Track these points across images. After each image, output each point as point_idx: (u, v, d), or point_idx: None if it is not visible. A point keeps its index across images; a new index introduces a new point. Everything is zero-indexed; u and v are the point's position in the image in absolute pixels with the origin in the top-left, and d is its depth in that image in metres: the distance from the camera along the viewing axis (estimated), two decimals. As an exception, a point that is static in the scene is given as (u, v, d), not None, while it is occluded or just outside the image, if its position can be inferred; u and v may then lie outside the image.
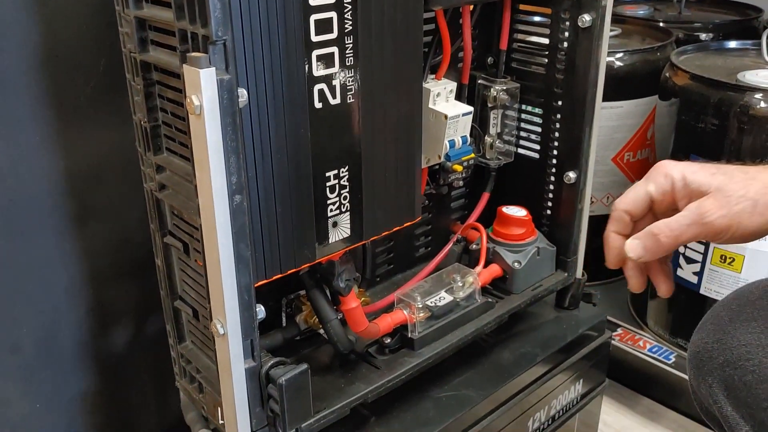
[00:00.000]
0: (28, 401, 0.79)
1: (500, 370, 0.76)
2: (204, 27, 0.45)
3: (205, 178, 0.47)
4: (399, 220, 0.65)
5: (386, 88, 0.59)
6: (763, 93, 0.85)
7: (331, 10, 0.53)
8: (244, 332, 0.52)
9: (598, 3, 0.71)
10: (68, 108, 0.73)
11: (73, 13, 0.71)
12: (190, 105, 0.45)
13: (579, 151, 0.77)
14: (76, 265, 0.78)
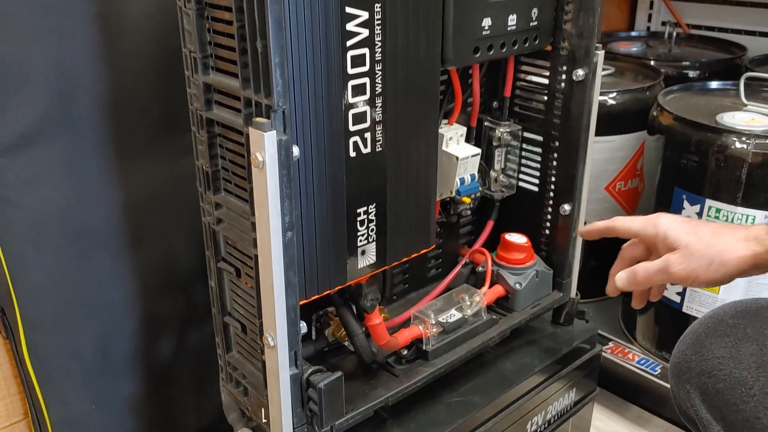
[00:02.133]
0: (85, 402, 0.89)
1: (502, 379, 0.86)
2: (267, 97, 0.55)
3: (263, 218, 0.58)
4: (416, 248, 0.76)
5: (408, 137, 0.70)
6: (738, 135, 0.95)
7: (365, 77, 0.63)
8: (290, 344, 0.63)
9: (590, 60, 0.81)
10: (126, 147, 0.84)
11: (133, 67, 0.82)
12: (254, 160, 0.55)
13: (573, 185, 0.87)
14: (130, 283, 0.89)
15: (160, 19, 0.81)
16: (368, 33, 0.62)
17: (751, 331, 0.66)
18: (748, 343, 0.65)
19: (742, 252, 0.67)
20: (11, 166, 0.76)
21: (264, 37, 0.53)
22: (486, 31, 0.74)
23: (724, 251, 0.67)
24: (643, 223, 0.74)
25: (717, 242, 0.68)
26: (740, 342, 0.66)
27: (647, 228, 0.73)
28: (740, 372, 0.64)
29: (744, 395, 0.64)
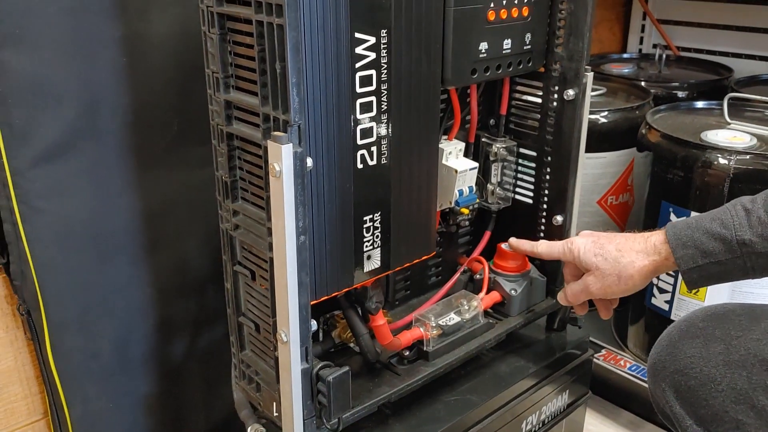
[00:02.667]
0: (103, 400, 0.94)
1: (498, 380, 0.91)
2: (285, 113, 0.61)
3: (279, 223, 0.63)
4: (418, 254, 0.81)
5: (411, 151, 0.75)
6: (721, 151, 1.01)
7: (372, 96, 0.69)
8: (302, 340, 0.68)
9: (580, 80, 0.87)
10: (146, 159, 0.90)
11: (154, 85, 0.88)
12: (272, 170, 0.61)
13: (565, 198, 0.93)
14: (146, 287, 0.94)
15: (179, 41, 0.87)
16: (375, 56, 0.68)
17: (719, 332, 0.72)
18: (716, 344, 0.71)
19: (643, 263, 0.75)
20: (41, 176, 0.81)
21: (283, 60, 0.59)
22: (483, 54, 0.80)
23: (628, 266, 0.76)
24: (561, 248, 0.83)
25: (621, 259, 0.77)
26: (709, 343, 0.72)
27: (565, 253, 0.82)
28: (709, 370, 0.70)
29: (713, 391, 0.70)
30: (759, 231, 0.67)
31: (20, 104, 0.78)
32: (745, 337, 0.70)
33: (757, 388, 0.67)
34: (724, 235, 0.69)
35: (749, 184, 0.98)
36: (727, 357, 0.70)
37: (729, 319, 0.73)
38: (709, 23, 1.59)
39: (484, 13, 0.78)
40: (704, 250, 0.70)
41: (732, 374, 0.69)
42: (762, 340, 0.69)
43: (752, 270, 0.70)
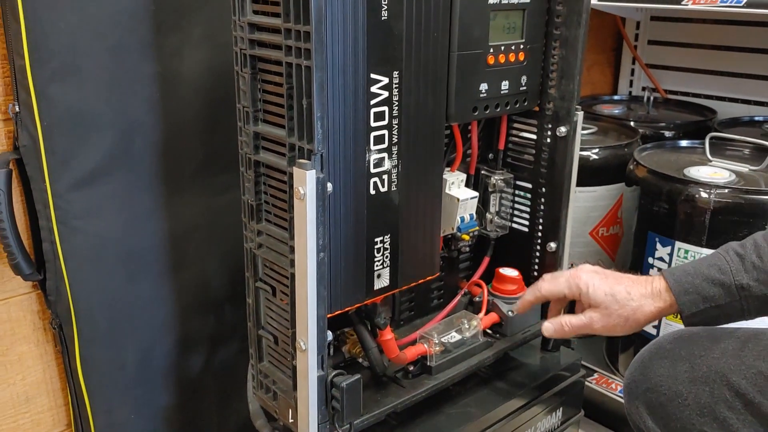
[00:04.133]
0: (125, 411, 1.00)
1: (496, 395, 0.98)
2: (309, 143, 0.69)
3: (302, 241, 0.71)
4: (423, 275, 0.89)
5: (417, 180, 0.83)
6: (702, 186, 1.09)
7: (384, 129, 0.77)
8: (319, 349, 0.75)
9: (571, 119, 0.96)
10: (174, 184, 0.97)
11: (183, 117, 0.96)
12: (297, 193, 0.69)
13: (558, 226, 1.01)
14: (169, 304, 1.01)
15: (206, 78, 0.95)
16: (388, 94, 0.77)
17: (684, 353, 0.79)
18: (682, 363, 0.78)
19: (650, 309, 0.79)
20: (79, 198, 0.89)
21: (309, 96, 0.67)
22: (483, 94, 0.88)
23: (637, 310, 0.79)
24: (567, 283, 0.85)
25: (631, 302, 0.80)
26: (676, 362, 0.79)
27: (572, 288, 0.85)
28: (677, 387, 0.78)
29: (680, 405, 0.77)
30: (755, 275, 0.73)
31: (64, 133, 0.86)
32: (706, 356, 0.77)
33: (719, 401, 0.74)
34: (723, 281, 0.75)
35: (728, 216, 1.06)
36: (691, 374, 0.77)
37: (693, 341, 0.80)
38: (695, 68, 1.69)
39: (484, 57, 0.87)
40: (705, 295, 0.76)
41: (697, 390, 0.76)
42: (721, 359, 0.76)
43: (748, 311, 0.75)
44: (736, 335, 0.78)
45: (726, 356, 0.76)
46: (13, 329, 0.96)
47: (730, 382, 0.74)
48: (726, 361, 0.76)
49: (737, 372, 0.74)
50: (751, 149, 1.27)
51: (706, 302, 0.76)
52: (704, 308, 0.76)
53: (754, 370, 0.73)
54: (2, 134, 0.89)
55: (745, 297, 0.74)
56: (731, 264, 0.75)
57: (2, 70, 0.87)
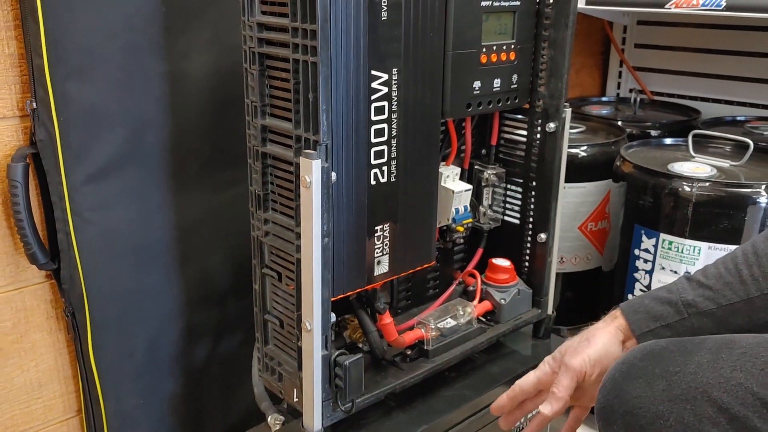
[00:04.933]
0: (134, 397, 1.04)
1: (490, 379, 1.02)
2: (315, 135, 0.74)
3: (308, 227, 0.75)
4: (420, 262, 0.93)
5: (414, 171, 0.88)
6: (685, 180, 1.15)
7: (384, 123, 0.82)
8: (323, 329, 0.79)
9: (559, 115, 1.01)
10: (181, 179, 1.02)
11: (190, 115, 1.00)
12: (303, 181, 0.74)
13: (548, 218, 1.06)
14: (176, 295, 1.05)
15: (213, 78, 1.00)
16: (387, 90, 0.82)
17: (659, 370, 0.75)
18: (658, 381, 0.75)
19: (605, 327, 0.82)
20: (93, 192, 0.93)
21: (315, 90, 0.72)
22: (476, 91, 0.93)
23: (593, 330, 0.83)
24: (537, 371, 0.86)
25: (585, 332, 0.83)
26: (651, 381, 0.75)
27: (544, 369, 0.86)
28: (656, 407, 0.74)
29: (662, 427, 0.73)
30: (699, 292, 0.75)
31: (79, 129, 0.90)
32: (683, 372, 0.74)
33: (702, 419, 0.71)
34: (670, 299, 0.77)
35: (710, 208, 1.11)
36: (670, 393, 0.74)
37: (665, 357, 0.77)
38: (680, 71, 1.75)
39: (477, 56, 0.92)
40: (654, 314, 0.77)
41: (678, 409, 0.73)
42: (698, 373, 0.73)
43: (700, 332, 0.75)
44: (706, 346, 0.75)
45: (702, 370, 0.73)
46: (27, 317, 1.00)
47: (711, 397, 0.71)
48: (704, 375, 0.73)
49: (717, 386, 0.72)
50: (732, 146, 1.32)
51: (656, 321, 0.77)
52: (654, 327, 0.77)
53: (734, 382, 0.71)
54: (19, 130, 0.94)
55: (693, 314, 0.75)
56: (678, 284, 0.78)
57: (20, 69, 0.92)
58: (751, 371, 0.69)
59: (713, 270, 0.76)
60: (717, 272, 0.76)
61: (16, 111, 0.93)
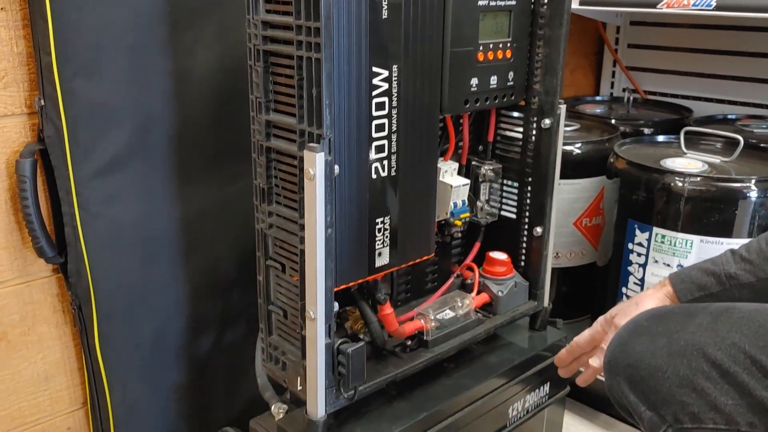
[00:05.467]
0: (140, 387, 1.06)
1: (488, 369, 1.05)
2: (319, 129, 0.76)
3: (311, 218, 0.78)
4: (420, 254, 0.96)
5: (414, 166, 0.91)
6: (677, 175, 1.17)
7: (384, 118, 0.85)
8: (326, 318, 0.82)
9: (554, 111, 1.04)
10: (187, 173, 1.04)
11: (195, 110, 1.03)
12: (307, 174, 0.76)
13: (544, 212, 1.08)
14: (181, 286, 1.07)
15: (218, 74, 1.02)
16: (387, 86, 0.84)
17: (662, 329, 0.84)
18: (660, 338, 0.83)
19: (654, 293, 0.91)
20: (100, 186, 0.96)
21: (318, 85, 0.75)
22: (474, 88, 0.96)
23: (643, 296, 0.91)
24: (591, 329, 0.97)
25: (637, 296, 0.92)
26: (654, 338, 0.84)
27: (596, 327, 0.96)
28: (656, 361, 0.82)
29: (660, 379, 0.81)
30: (742, 266, 0.82)
31: (86, 125, 0.93)
32: (683, 331, 0.82)
33: (697, 373, 0.79)
34: (714, 270, 0.84)
35: (701, 203, 1.14)
36: (669, 349, 0.81)
37: (668, 317, 0.85)
38: (673, 70, 1.79)
39: (474, 54, 0.95)
40: (699, 284, 0.85)
41: (675, 363, 0.80)
42: (697, 333, 0.81)
43: (739, 301, 0.82)
44: (708, 310, 0.83)
45: (701, 330, 0.81)
46: (34, 311, 1.02)
47: (706, 354, 0.78)
48: (701, 335, 0.80)
49: (712, 345, 0.78)
50: (723, 143, 1.35)
51: (701, 290, 0.84)
52: (699, 296, 0.84)
53: (729, 341, 0.77)
54: (27, 127, 0.96)
55: (734, 286, 0.82)
56: (723, 257, 0.85)
57: (28, 68, 0.94)
58: (745, 333, 0.76)
59: (755, 245, 0.83)
60: (759, 247, 0.82)
61: (24, 108, 0.95)
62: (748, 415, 0.76)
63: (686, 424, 0.81)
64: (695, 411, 0.80)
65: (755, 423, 0.76)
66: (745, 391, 0.76)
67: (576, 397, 1.39)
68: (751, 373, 0.76)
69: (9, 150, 0.95)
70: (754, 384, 0.75)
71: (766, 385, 0.75)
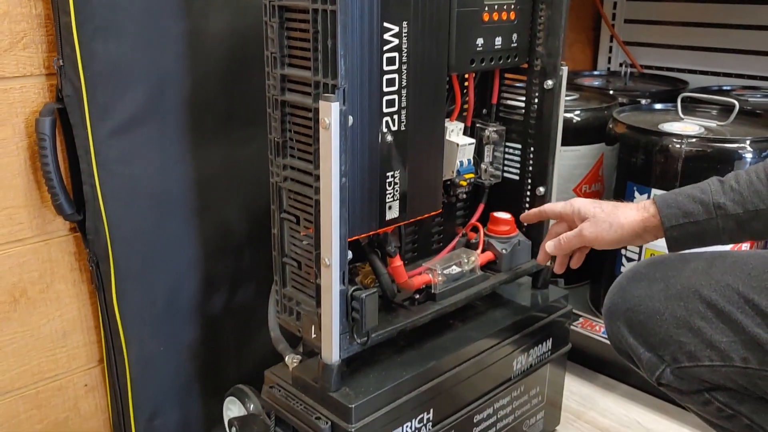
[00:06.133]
0: (155, 344, 1.09)
1: (493, 323, 1.08)
2: (333, 79, 0.79)
3: (326, 167, 0.81)
4: (428, 209, 0.99)
5: (423, 123, 0.94)
6: (675, 137, 1.21)
7: (395, 73, 0.88)
8: (341, 265, 0.85)
9: (557, 73, 1.07)
10: (200, 135, 1.07)
11: (207, 72, 1.05)
12: (323, 123, 0.79)
13: (546, 172, 1.12)
14: (195, 246, 1.10)
15: (230, 37, 1.05)
16: (398, 42, 0.87)
17: (659, 274, 0.88)
18: (657, 283, 0.87)
19: (634, 216, 0.87)
20: (117, 144, 0.98)
21: (334, 37, 0.78)
22: (479, 48, 0.99)
23: (620, 216, 0.88)
24: (563, 205, 0.96)
25: (615, 211, 0.89)
26: (652, 283, 0.88)
27: (566, 208, 0.94)
28: (654, 304, 0.86)
29: (659, 321, 0.86)
30: (731, 196, 0.82)
31: (104, 84, 0.95)
32: (679, 276, 0.86)
33: (693, 313, 0.83)
34: (703, 199, 0.83)
35: (698, 163, 1.18)
36: (666, 292, 0.86)
37: (665, 264, 0.89)
38: (668, 44, 1.82)
39: (480, 15, 0.98)
40: (685, 210, 0.83)
41: (672, 305, 0.85)
42: (692, 276, 0.85)
43: (723, 231, 0.82)
44: (703, 256, 0.88)
45: (696, 274, 0.85)
46: (52, 269, 1.05)
47: (701, 295, 0.83)
48: (697, 278, 0.85)
49: (707, 286, 0.83)
50: (718, 110, 1.39)
51: (686, 217, 0.83)
52: (683, 222, 0.83)
53: (723, 283, 0.82)
54: (45, 87, 0.99)
55: (721, 215, 0.81)
56: (711, 186, 0.84)
57: (46, 29, 0.97)
58: (739, 276, 0.80)
59: (745, 177, 0.82)
60: (749, 179, 0.81)
61: (42, 69, 0.98)
62: (742, 350, 0.80)
63: (684, 362, 0.85)
64: (692, 350, 0.84)
65: (749, 358, 0.80)
66: (739, 329, 0.80)
67: (576, 359, 1.43)
68: (745, 312, 0.80)
69: (28, 110, 0.97)
70: (748, 321, 0.80)
71: (758, 323, 0.79)
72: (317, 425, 0.89)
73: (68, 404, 1.11)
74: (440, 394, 0.99)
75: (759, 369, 0.80)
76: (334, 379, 0.89)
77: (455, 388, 1.01)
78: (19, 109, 0.96)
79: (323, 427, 0.89)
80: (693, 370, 0.85)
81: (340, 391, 0.90)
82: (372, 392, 0.90)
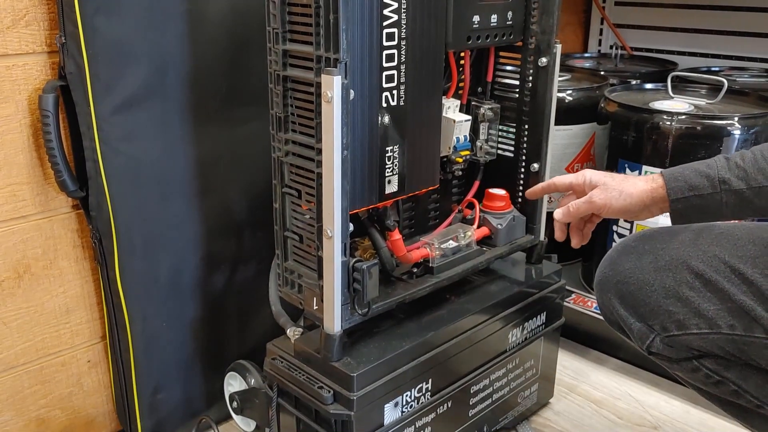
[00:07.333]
0: (159, 320, 1.11)
1: (489, 296, 1.11)
2: (335, 53, 0.81)
3: (329, 140, 0.83)
4: (426, 184, 1.01)
5: (421, 98, 0.96)
6: (666, 114, 1.24)
7: (394, 49, 0.90)
8: (343, 236, 0.87)
9: (551, 50, 1.09)
10: (201, 115, 1.08)
11: (209, 53, 1.06)
12: (325, 96, 0.81)
13: (540, 149, 1.14)
14: (197, 225, 1.11)
15: (231, 17, 1.06)
16: (397, 18, 0.89)
17: (648, 247, 0.91)
18: (646, 256, 0.90)
19: (643, 187, 0.90)
20: (120, 122, 0.99)
21: (336, 11, 0.79)
22: (476, 25, 1.01)
23: (630, 186, 0.91)
24: (575, 176, 0.97)
25: (626, 181, 0.92)
26: (641, 255, 0.91)
27: (578, 179, 0.97)
28: (643, 276, 0.89)
29: (648, 291, 0.89)
30: (735, 173, 0.84)
31: (107, 62, 0.96)
32: (667, 247, 0.89)
33: (681, 284, 0.86)
34: (708, 173, 0.86)
35: (688, 140, 1.21)
36: (656, 264, 0.89)
37: (654, 237, 0.92)
38: (658, 26, 1.85)
39: (476, -8, 1.00)
40: (691, 184, 0.86)
41: (661, 276, 0.87)
42: (680, 248, 0.88)
43: (726, 206, 0.84)
44: (690, 229, 0.90)
45: (684, 245, 0.88)
46: (55, 245, 1.06)
47: (689, 266, 0.86)
48: (685, 250, 0.87)
49: (695, 257, 0.86)
50: (707, 89, 1.42)
51: (692, 190, 0.86)
52: (688, 195, 0.86)
53: (710, 254, 0.85)
54: (47, 65, 0.99)
55: (725, 190, 0.84)
56: (718, 162, 0.86)
57: (48, 7, 0.97)
58: (725, 246, 0.82)
59: (750, 155, 0.85)
60: (753, 158, 0.84)
61: (45, 47, 0.99)
62: (729, 318, 0.83)
63: (673, 331, 0.88)
64: (681, 318, 0.86)
65: (735, 325, 0.83)
66: (726, 297, 0.83)
67: (569, 335, 1.46)
68: (731, 281, 0.82)
69: (30, 87, 0.98)
70: (734, 290, 0.82)
71: (744, 291, 0.82)
72: (320, 394, 0.92)
73: (72, 380, 1.13)
74: (438, 364, 1.01)
75: (745, 335, 0.82)
76: (336, 349, 0.92)
77: (452, 359, 1.04)
78: (22, 86, 0.97)
79: (326, 395, 0.91)
80: (682, 339, 0.87)
81: (342, 360, 0.93)
82: (373, 361, 0.93)
